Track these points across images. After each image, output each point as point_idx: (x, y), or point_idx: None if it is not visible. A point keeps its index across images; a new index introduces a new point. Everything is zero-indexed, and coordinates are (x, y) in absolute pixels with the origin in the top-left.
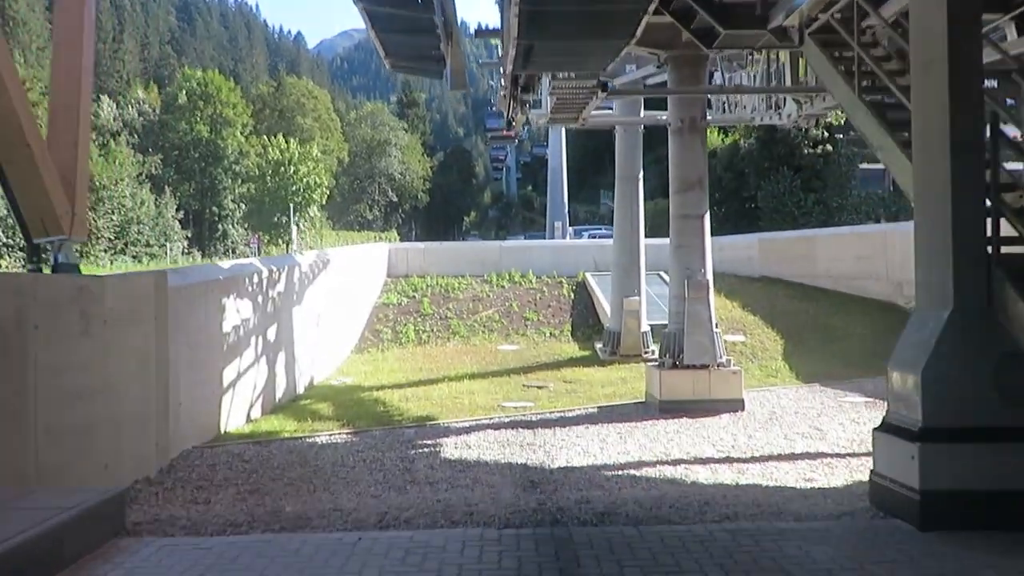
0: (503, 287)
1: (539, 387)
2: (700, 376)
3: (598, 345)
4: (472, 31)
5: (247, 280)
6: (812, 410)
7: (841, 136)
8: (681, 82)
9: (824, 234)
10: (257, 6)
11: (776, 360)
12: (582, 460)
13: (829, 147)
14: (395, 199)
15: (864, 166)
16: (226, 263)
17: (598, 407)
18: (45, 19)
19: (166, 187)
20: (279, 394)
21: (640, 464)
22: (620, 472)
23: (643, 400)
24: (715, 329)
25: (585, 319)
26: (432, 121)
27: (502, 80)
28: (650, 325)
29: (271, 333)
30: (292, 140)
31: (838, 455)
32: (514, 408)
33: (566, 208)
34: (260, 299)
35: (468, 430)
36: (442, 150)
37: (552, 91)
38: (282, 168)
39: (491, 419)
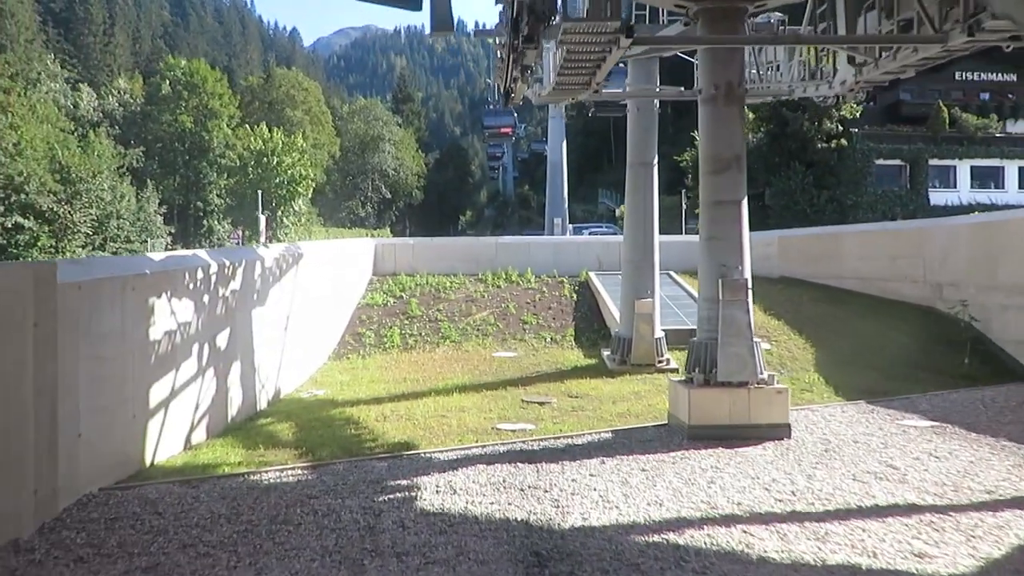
0: (499, 287)
1: (540, 403)
2: (738, 396)
3: (605, 352)
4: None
5: (187, 276)
6: (873, 438)
7: (856, 130)
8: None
9: (852, 231)
10: (252, 1)
11: (808, 371)
12: (602, 515)
13: (844, 142)
14: (389, 196)
15: (880, 162)
16: (159, 254)
17: (612, 431)
18: (34, 11)
19: (148, 181)
20: (233, 412)
21: (680, 524)
22: (657, 538)
23: (665, 422)
24: (755, 339)
25: (589, 323)
26: (428, 118)
27: (498, 39)
28: (664, 330)
29: (222, 339)
30: (276, 129)
31: (936, 508)
32: (511, 432)
33: (566, 204)
34: (207, 298)
35: (455, 464)
36: (438, 149)
37: (562, 39)
38: (265, 159)
39: (483, 447)
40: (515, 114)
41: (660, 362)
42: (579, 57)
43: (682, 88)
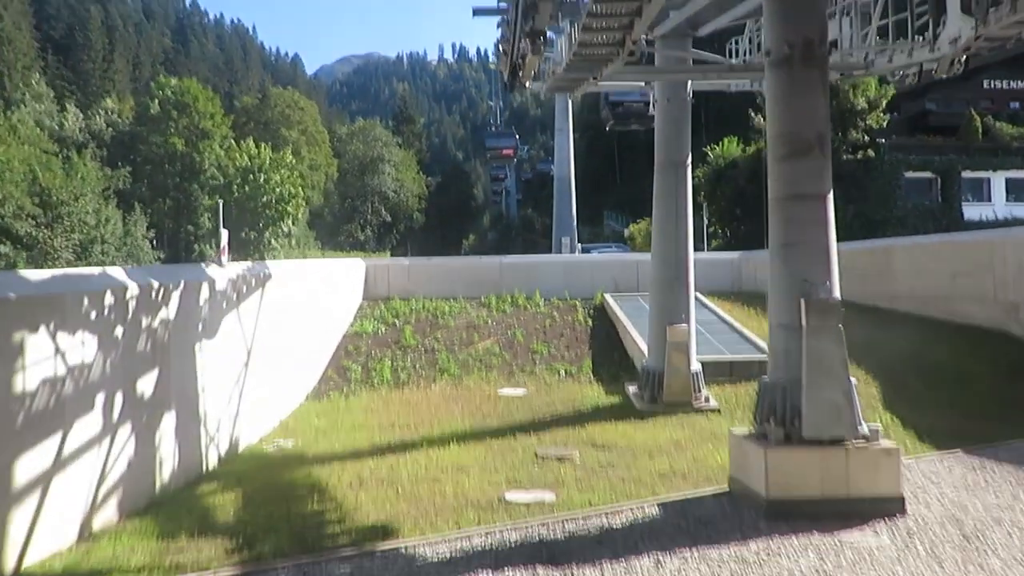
0: (504, 312)
1: (559, 458)
2: (832, 458)
3: (631, 388)
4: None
5: (85, 301)
6: (1016, 514)
7: (883, 140)
8: None
9: (904, 244)
10: (254, 27)
11: (877, 410)
12: None
13: (871, 153)
14: (389, 219)
15: (910, 174)
16: (40, 273)
17: (659, 503)
18: (33, 37)
19: (137, 204)
20: (164, 478)
21: None
22: None
23: (725, 488)
24: (851, 380)
25: (609, 353)
26: (430, 143)
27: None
28: (700, 362)
29: (146, 383)
30: (264, 145)
31: None
32: (525, 506)
33: (575, 222)
34: (120, 331)
35: (448, 568)
36: (440, 174)
37: None
38: (251, 176)
39: (488, 533)
40: (517, 136)
41: (697, 400)
42: (611, 5)
43: (732, 60)
